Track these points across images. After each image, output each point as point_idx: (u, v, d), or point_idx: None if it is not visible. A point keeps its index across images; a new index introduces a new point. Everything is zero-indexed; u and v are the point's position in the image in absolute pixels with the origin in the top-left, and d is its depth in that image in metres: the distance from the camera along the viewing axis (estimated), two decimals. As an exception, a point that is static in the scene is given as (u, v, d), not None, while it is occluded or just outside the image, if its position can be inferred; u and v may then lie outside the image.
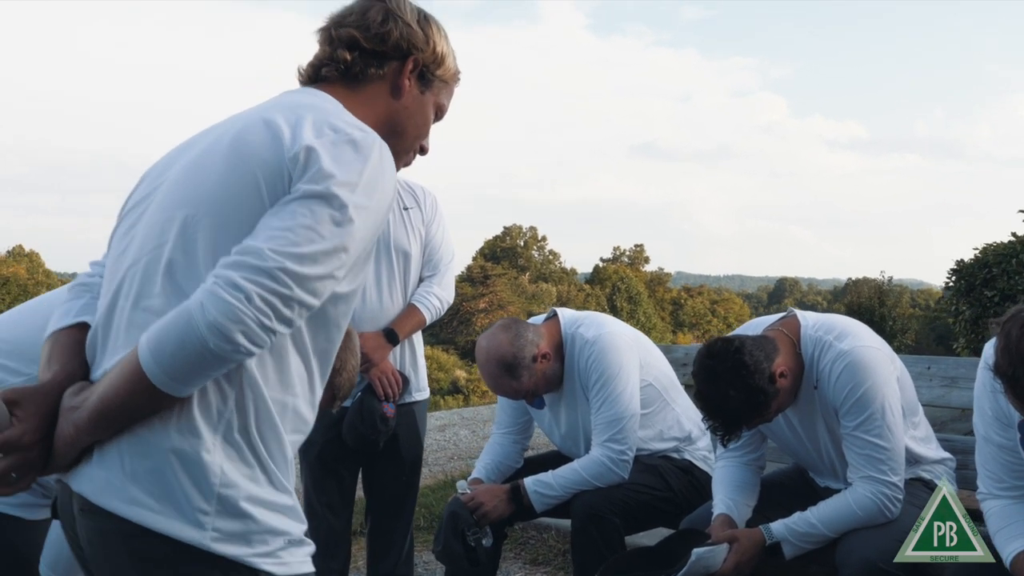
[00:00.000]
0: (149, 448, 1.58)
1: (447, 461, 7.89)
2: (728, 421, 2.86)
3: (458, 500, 3.46)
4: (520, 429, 3.80)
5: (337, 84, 1.89)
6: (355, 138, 1.67)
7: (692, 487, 3.53)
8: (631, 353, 3.48)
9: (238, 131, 1.72)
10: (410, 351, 3.81)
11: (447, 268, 3.86)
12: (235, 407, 1.62)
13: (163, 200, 1.73)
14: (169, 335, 1.51)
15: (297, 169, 1.61)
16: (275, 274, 1.52)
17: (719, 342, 2.89)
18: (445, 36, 1.99)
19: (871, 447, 2.86)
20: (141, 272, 1.67)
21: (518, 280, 71.97)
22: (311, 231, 1.56)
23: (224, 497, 1.60)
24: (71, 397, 1.63)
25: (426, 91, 1.96)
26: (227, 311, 1.49)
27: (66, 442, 1.61)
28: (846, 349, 2.91)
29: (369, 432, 3.60)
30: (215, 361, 1.51)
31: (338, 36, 1.89)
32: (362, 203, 1.62)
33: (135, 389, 1.54)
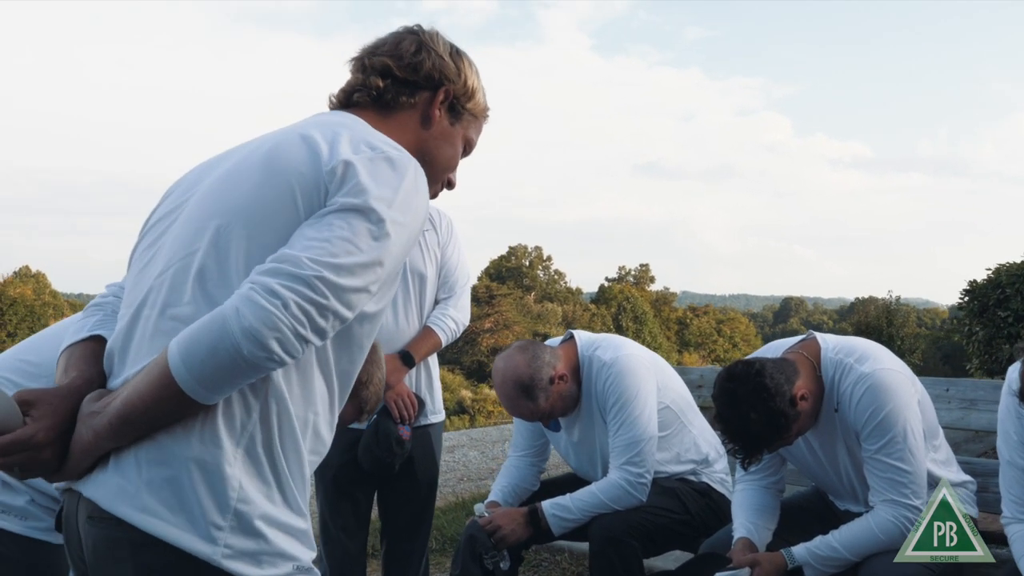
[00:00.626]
0: (168, 456, 1.56)
1: (457, 483, 7.87)
2: (749, 444, 2.84)
3: (476, 523, 3.45)
4: (537, 452, 3.78)
5: (369, 110, 1.91)
6: (391, 156, 1.68)
7: (710, 510, 3.51)
8: (649, 376, 3.47)
9: (273, 145, 1.72)
10: (426, 373, 3.80)
11: (463, 290, 3.86)
12: (259, 420, 1.61)
13: (193, 212, 1.73)
14: (201, 340, 1.49)
15: (334, 183, 1.62)
16: (312, 283, 1.51)
17: (739, 365, 2.88)
18: (477, 72, 2.02)
19: (893, 470, 2.85)
20: (169, 280, 1.66)
21: (523, 300, 71.94)
22: (349, 243, 1.56)
23: (240, 513, 1.58)
24: (91, 403, 1.61)
25: (456, 123, 1.99)
26: (264, 317, 1.47)
27: (83, 448, 1.59)
28: (867, 372, 2.90)
29: (385, 455, 3.59)
30: (247, 368, 1.50)
31: (371, 64, 1.92)
32: (398, 219, 1.63)
33: (162, 394, 1.51)
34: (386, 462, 3.60)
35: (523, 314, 66.63)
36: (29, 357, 2.43)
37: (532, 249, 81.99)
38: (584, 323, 64.65)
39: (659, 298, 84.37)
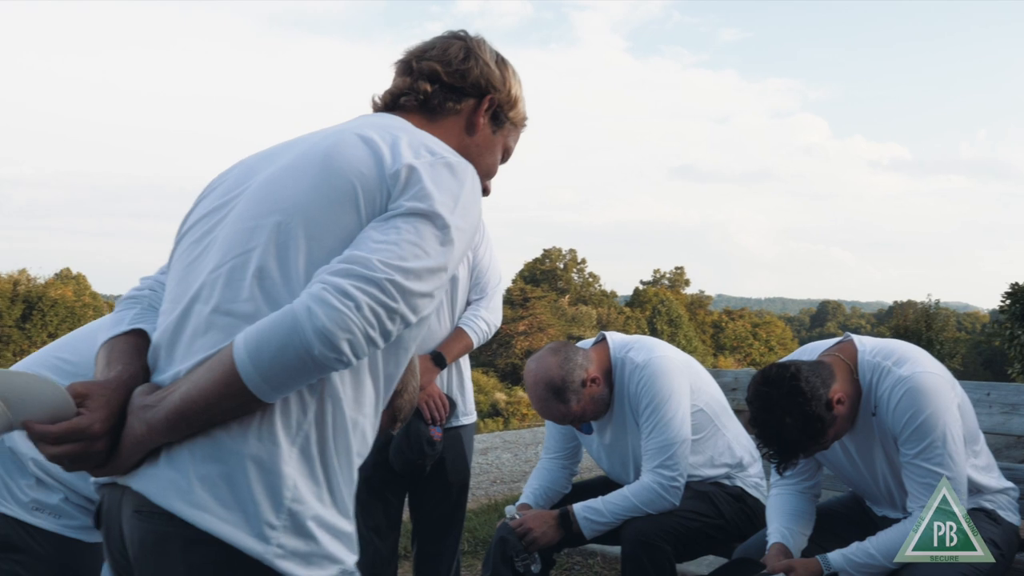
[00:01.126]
0: (223, 452, 1.55)
1: (490, 485, 7.85)
2: (784, 449, 2.81)
3: (507, 526, 3.43)
4: (568, 454, 3.76)
5: (415, 114, 1.92)
6: (452, 162, 1.69)
7: (744, 514, 3.47)
8: (682, 378, 3.43)
9: (332, 144, 1.72)
10: (457, 375, 3.79)
11: (494, 291, 3.84)
12: (314, 420, 1.60)
13: (247, 208, 1.72)
14: (271, 337, 1.48)
15: (397, 186, 1.63)
16: (384, 285, 1.52)
17: (774, 368, 2.84)
18: (519, 81, 2.04)
19: (932, 476, 2.79)
20: (225, 276, 1.65)
21: (558, 303, 71.84)
22: (417, 247, 1.57)
23: (294, 512, 1.57)
24: (142, 396, 1.60)
25: (498, 131, 2.01)
26: (337, 318, 1.47)
27: (136, 440, 1.57)
28: (906, 375, 2.84)
29: (416, 456, 3.57)
30: (315, 368, 1.50)
31: (419, 68, 1.94)
32: (460, 225, 1.64)
33: (225, 391, 1.51)
34: (417, 463, 3.59)
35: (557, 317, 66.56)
36: (65, 355, 2.44)
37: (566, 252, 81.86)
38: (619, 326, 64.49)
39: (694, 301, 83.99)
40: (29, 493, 2.34)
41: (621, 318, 70.28)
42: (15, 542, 2.34)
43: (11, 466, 2.35)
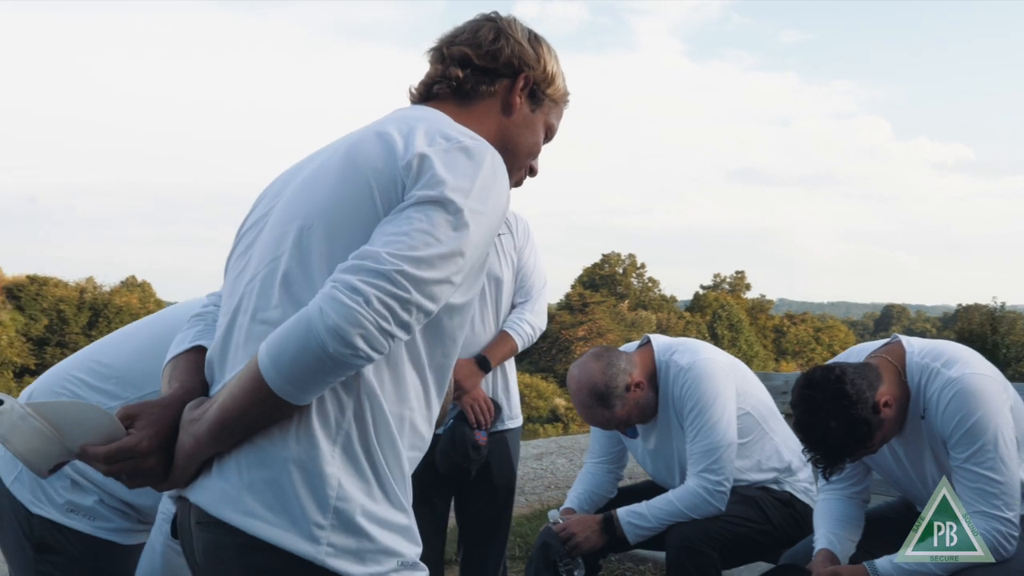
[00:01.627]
0: (267, 458, 1.58)
1: (544, 490, 7.83)
2: (830, 453, 2.75)
3: (550, 530, 3.41)
4: (614, 458, 3.73)
5: (449, 101, 1.91)
6: (467, 145, 1.67)
7: (792, 520, 3.41)
8: (727, 380, 3.39)
9: (351, 144, 1.73)
10: (502, 378, 3.78)
11: (539, 294, 3.83)
12: (353, 418, 1.61)
13: (278, 217, 1.75)
14: (289, 341, 1.50)
15: (411, 176, 1.62)
16: (393, 277, 1.51)
17: (819, 371, 2.79)
18: (556, 57, 2.00)
19: (983, 480, 2.71)
20: (259, 286, 1.68)
21: (617, 308, 71.60)
22: (427, 235, 1.56)
23: (340, 511, 1.58)
24: (191, 411, 1.64)
25: (536, 110, 1.97)
26: (346, 314, 1.47)
27: (187, 454, 1.62)
28: (955, 376, 2.77)
29: (461, 460, 3.58)
30: (334, 366, 1.50)
31: (450, 54, 1.92)
32: (477, 208, 1.61)
33: (255, 398, 1.53)
34: (462, 467, 3.59)
35: (617, 322, 66.31)
36: (101, 358, 2.46)
37: (626, 256, 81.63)
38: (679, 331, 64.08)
39: (755, 306, 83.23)
40: (64, 495, 2.36)
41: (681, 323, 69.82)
42: (50, 543, 2.37)
43: None
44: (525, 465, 8.81)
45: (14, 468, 2.40)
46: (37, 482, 2.37)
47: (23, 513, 2.37)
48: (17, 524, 2.38)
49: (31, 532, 2.37)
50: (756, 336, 74.19)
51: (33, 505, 2.36)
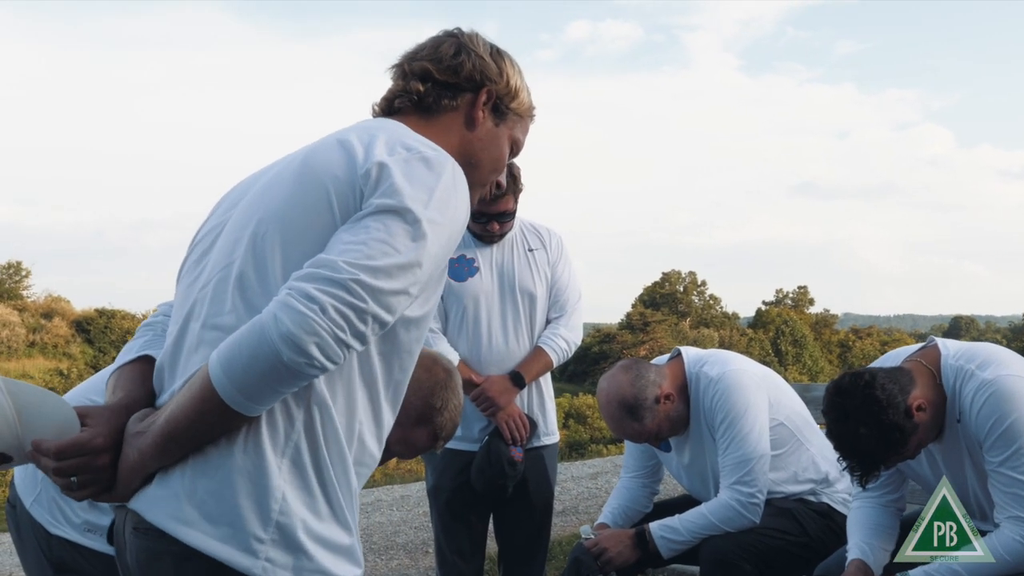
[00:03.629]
0: (211, 467, 1.55)
1: (597, 509, 7.77)
2: (864, 461, 2.70)
3: (581, 546, 3.39)
4: (648, 473, 3.69)
5: (411, 115, 1.90)
6: (427, 156, 1.67)
7: (831, 532, 3.34)
8: (759, 391, 3.34)
9: (309, 151, 1.73)
10: (538, 394, 3.78)
11: (574, 309, 3.82)
12: (303, 429, 1.59)
13: (235, 223, 1.74)
14: (241, 349, 1.48)
15: (369, 185, 1.61)
16: (349, 286, 1.49)
17: (848, 377, 2.74)
18: (519, 71, 1.99)
19: (1018, 484, 2.64)
20: (212, 291, 1.66)
21: (679, 326, 71.06)
22: (385, 244, 1.54)
23: (282, 525, 1.57)
24: (136, 423, 1.61)
25: (500, 124, 1.95)
26: (301, 322, 1.45)
27: (131, 467, 1.59)
28: (990, 378, 2.70)
29: (497, 476, 3.57)
30: (288, 375, 1.48)
31: (411, 69, 1.91)
32: (435, 218, 1.60)
33: (204, 408, 1.51)
34: (499, 484, 3.59)
35: (679, 340, 65.71)
36: (93, 396, 2.48)
37: (686, 274, 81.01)
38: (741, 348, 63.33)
39: (819, 321, 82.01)
40: (81, 515, 2.40)
41: (744, 340, 69.06)
42: (69, 563, 2.40)
43: None
44: (579, 484, 8.77)
45: (33, 489, 2.44)
46: (55, 502, 2.41)
47: (42, 533, 2.41)
48: (37, 544, 2.43)
49: (51, 552, 2.41)
50: (821, 351, 73.10)
51: (52, 526, 2.40)
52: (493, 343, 3.65)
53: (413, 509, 7.47)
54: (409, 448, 2.33)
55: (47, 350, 47.69)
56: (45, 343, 47.99)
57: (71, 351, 48.56)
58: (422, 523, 6.98)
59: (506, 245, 3.71)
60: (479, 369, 3.64)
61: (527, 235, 3.77)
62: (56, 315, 49.71)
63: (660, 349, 60.73)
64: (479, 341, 3.65)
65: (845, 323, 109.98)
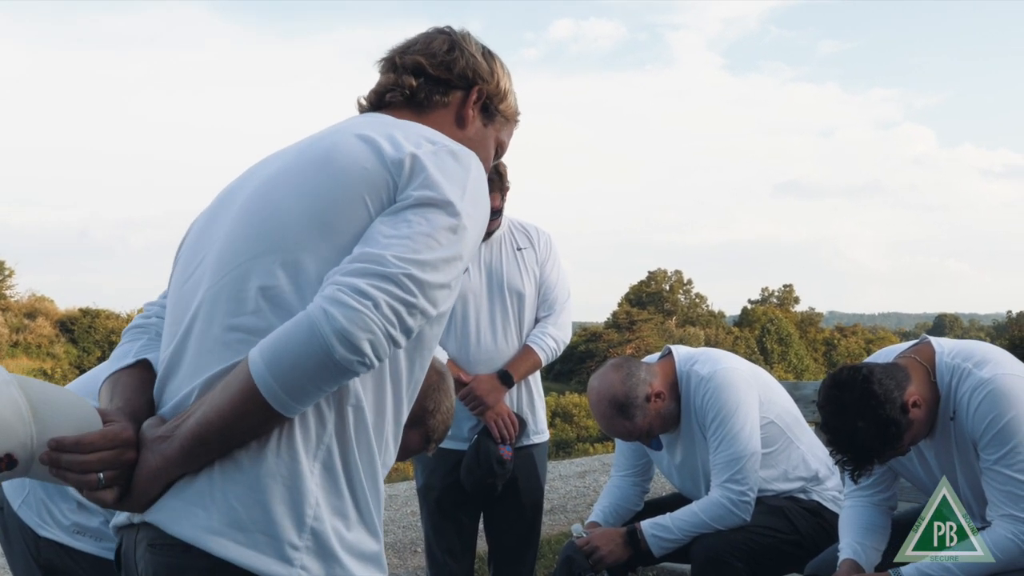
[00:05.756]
0: (242, 472, 1.48)
1: (586, 508, 7.78)
2: (858, 455, 2.70)
3: (573, 544, 3.38)
4: (639, 471, 3.69)
5: (403, 110, 1.87)
6: (454, 149, 1.66)
7: (821, 529, 3.34)
8: (749, 389, 3.34)
9: (330, 145, 1.67)
10: (527, 393, 3.76)
11: (563, 308, 3.81)
12: (335, 432, 1.54)
13: (239, 221, 1.66)
14: (288, 345, 1.42)
15: (403, 176, 1.58)
16: (401, 281, 1.46)
17: (846, 371, 2.74)
18: (508, 74, 1.99)
19: (1013, 483, 2.64)
20: (226, 292, 1.58)
21: (665, 325, 71.19)
22: (430, 238, 1.52)
23: (316, 532, 1.50)
24: (153, 428, 1.52)
25: (488, 124, 1.95)
26: (356, 318, 1.41)
27: (151, 474, 1.49)
28: (987, 377, 2.71)
29: (486, 476, 3.56)
30: (337, 373, 1.43)
31: (403, 63, 1.88)
32: (471, 212, 1.60)
33: (244, 408, 1.44)
34: (488, 483, 3.58)
35: (665, 339, 65.81)
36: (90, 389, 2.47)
37: (672, 273, 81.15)
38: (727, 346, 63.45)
39: (804, 319, 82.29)
40: (70, 516, 2.38)
41: (729, 338, 69.22)
42: (57, 566, 2.38)
43: (52, 490, 2.39)
44: (567, 483, 8.77)
45: (21, 492, 2.42)
46: (44, 504, 2.39)
47: (31, 536, 2.39)
48: (25, 547, 2.41)
49: (39, 555, 2.39)
50: (806, 350, 73.33)
51: (40, 528, 2.38)
52: (482, 342, 3.63)
53: (401, 508, 7.45)
54: (402, 450, 2.32)
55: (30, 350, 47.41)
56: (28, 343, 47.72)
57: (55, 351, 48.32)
58: (410, 522, 6.97)
59: (494, 244, 3.69)
60: (468, 368, 3.62)
61: (515, 234, 3.76)
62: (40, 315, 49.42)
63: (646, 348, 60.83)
64: (467, 340, 3.63)
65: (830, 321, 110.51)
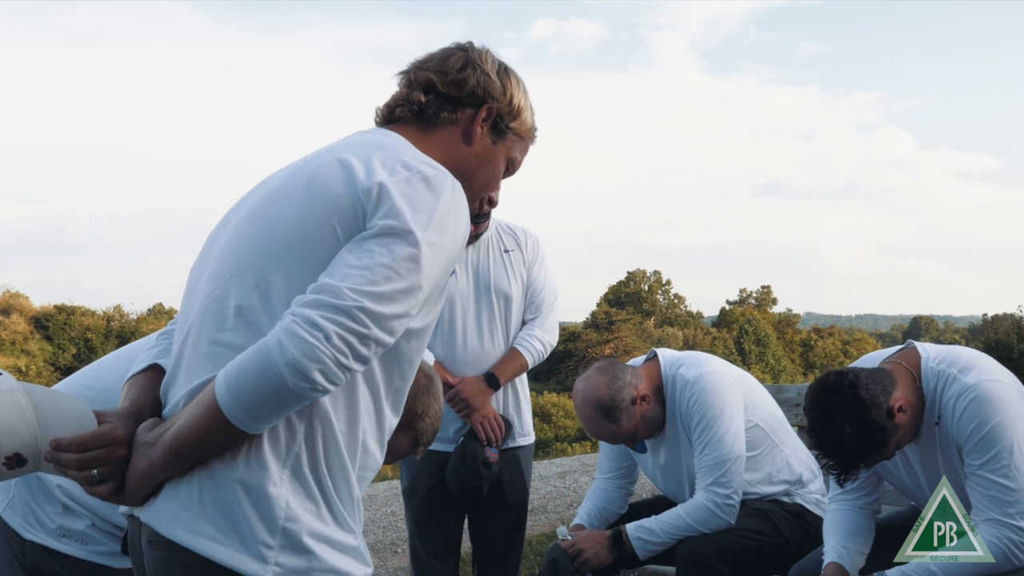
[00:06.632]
0: (217, 479, 1.60)
1: (566, 508, 7.79)
2: (845, 460, 2.72)
3: (558, 547, 3.39)
4: (624, 474, 3.70)
5: (410, 125, 1.91)
6: (427, 175, 1.68)
7: (805, 533, 3.37)
8: (734, 393, 3.36)
9: (313, 170, 1.73)
10: (513, 395, 3.76)
11: (550, 310, 3.81)
12: (304, 441, 1.64)
13: (232, 236, 1.76)
14: (247, 373, 1.52)
15: (371, 204, 1.63)
16: (353, 313, 1.53)
17: (832, 376, 2.76)
18: (525, 91, 2.00)
19: (997, 488, 2.67)
20: (213, 306, 1.69)
21: (643, 325, 71.40)
22: (388, 269, 1.58)
23: (288, 531, 1.62)
24: (145, 433, 1.65)
25: (499, 142, 1.97)
26: (306, 350, 1.49)
27: (140, 476, 1.63)
28: (972, 383, 2.73)
29: (472, 478, 3.56)
30: (292, 399, 1.53)
31: (416, 79, 1.93)
32: (435, 240, 1.63)
33: (210, 427, 1.55)
34: (474, 485, 3.57)
35: (643, 339, 66.03)
36: (90, 383, 2.48)
37: (651, 273, 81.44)
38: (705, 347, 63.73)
39: (782, 320, 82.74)
40: (56, 520, 2.37)
41: (708, 339, 69.49)
42: (43, 569, 2.37)
43: (38, 493, 2.39)
44: (548, 484, 8.78)
45: (6, 495, 2.41)
46: (29, 508, 2.38)
47: (16, 539, 2.38)
48: (10, 550, 2.39)
49: (24, 558, 2.38)
50: (784, 351, 73.74)
51: (25, 531, 2.37)
52: (468, 344, 3.63)
53: (381, 509, 7.44)
54: (390, 453, 2.31)
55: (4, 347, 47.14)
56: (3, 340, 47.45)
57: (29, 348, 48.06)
58: (390, 523, 6.96)
59: (482, 246, 3.69)
60: (454, 370, 3.62)
61: (503, 236, 3.76)
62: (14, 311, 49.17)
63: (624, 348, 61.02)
64: (454, 342, 3.63)
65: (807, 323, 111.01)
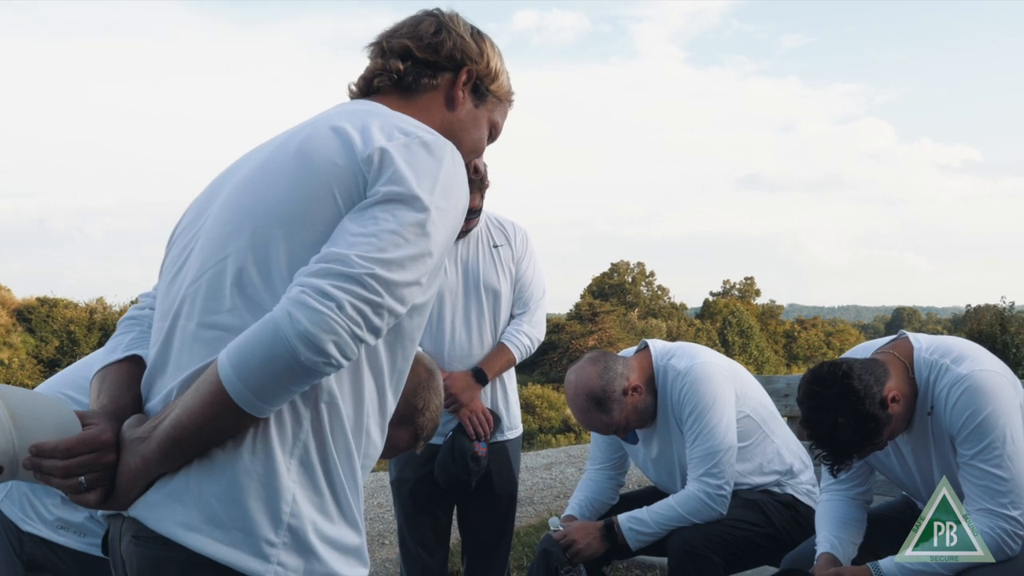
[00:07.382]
0: (218, 470, 1.49)
1: (553, 500, 7.79)
2: (838, 450, 2.72)
3: (550, 537, 3.38)
4: (615, 465, 3.69)
5: (391, 95, 1.86)
6: (427, 140, 1.63)
7: (795, 523, 3.37)
8: (726, 383, 3.35)
9: (304, 139, 1.66)
10: (501, 389, 3.75)
11: (538, 305, 3.80)
12: (311, 428, 1.55)
13: (222, 213, 1.67)
14: (254, 348, 1.42)
15: (372, 171, 1.56)
16: (365, 281, 1.45)
17: (825, 366, 2.75)
18: (499, 54, 1.96)
19: (990, 478, 2.67)
20: (205, 288, 1.59)
21: (627, 316, 71.55)
22: (396, 235, 1.51)
23: (293, 528, 1.51)
24: (132, 429, 1.54)
25: (480, 105, 1.93)
26: (319, 320, 1.40)
27: (133, 474, 1.51)
28: (965, 373, 2.73)
29: (461, 472, 3.55)
30: (304, 374, 1.43)
31: (390, 47, 1.87)
32: (442, 205, 1.57)
33: (214, 411, 1.45)
34: (462, 479, 3.57)
35: (627, 331, 66.15)
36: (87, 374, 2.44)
37: (635, 265, 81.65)
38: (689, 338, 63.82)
39: (765, 311, 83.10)
40: (54, 512, 2.35)
41: (691, 330, 69.67)
42: (41, 561, 2.36)
43: (36, 485, 2.37)
44: (534, 475, 8.78)
45: (4, 487, 2.39)
46: (27, 499, 2.36)
47: (14, 531, 2.36)
48: (8, 542, 2.38)
49: (22, 550, 2.36)
50: (767, 342, 74.03)
51: (23, 522, 2.35)
52: (456, 339, 3.61)
53: (368, 500, 7.43)
54: (390, 448, 2.30)
55: (-14, 340, 46.86)
56: (-16, 333, 47.14)
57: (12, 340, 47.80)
58: (377, 514, 6.95)
59: (471, 241, 3.68)
60: (442, 365, 3.60)
61: (492, 231, 3.74)
62: (-4, 304, 48.84)
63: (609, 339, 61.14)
64: (442, 337, 3.62)
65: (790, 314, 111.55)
